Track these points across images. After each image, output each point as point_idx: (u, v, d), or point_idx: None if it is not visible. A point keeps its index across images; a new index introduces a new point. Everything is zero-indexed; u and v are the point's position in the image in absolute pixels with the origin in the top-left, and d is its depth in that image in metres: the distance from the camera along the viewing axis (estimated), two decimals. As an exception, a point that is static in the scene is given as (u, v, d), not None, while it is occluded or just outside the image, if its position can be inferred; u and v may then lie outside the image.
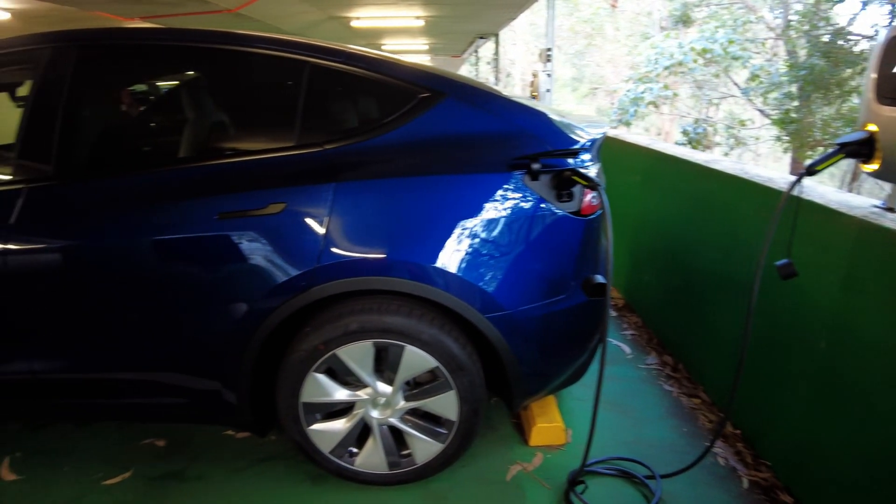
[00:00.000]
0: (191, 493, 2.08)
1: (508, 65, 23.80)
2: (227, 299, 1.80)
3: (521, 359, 1.84)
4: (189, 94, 2.24)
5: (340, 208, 1.71)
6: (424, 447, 1.93)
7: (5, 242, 1.87)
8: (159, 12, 7.74)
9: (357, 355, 1.79)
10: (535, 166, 1.71)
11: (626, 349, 3.05)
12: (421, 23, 9.17)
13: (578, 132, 1.86)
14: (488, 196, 1.73)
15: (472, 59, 16.97)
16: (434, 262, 1.71)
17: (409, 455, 1.96)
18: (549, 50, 6.15)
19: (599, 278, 1.79)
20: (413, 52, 14.83)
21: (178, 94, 2.26)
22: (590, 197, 1.83)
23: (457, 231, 1.72)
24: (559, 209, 1.77)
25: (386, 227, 1.72)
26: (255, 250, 1.74)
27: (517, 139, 1.78)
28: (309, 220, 1.72)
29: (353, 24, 9.14)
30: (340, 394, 1.87)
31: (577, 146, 1.80)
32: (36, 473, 2.25)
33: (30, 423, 2.60)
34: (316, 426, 1.91)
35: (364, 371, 1.83)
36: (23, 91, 3.05)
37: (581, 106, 24.30)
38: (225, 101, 2.15)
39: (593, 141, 1.89)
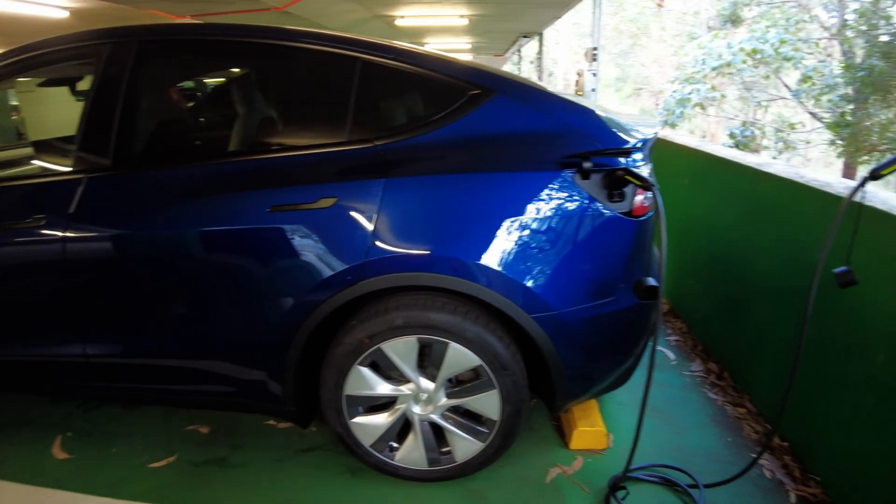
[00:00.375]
0: (232, 480, 2.12)
1: (551, 64, 23.62)
2: (275, 291, 1.83)
3: (567, 361, 1.81)
4: (243, 88, 2.29)
5: (390, 204, 1.72)
6: (465, 445, 1.93)
7: (65, 230, 1.94)
8: (209, 10, 7.93)
9: (401, 350, 1.80)
10: (587, 165, 1.69)
11: (671, 355, 2.99)
12: (465, 22, 9.16)
13: (630, 131, 1.82)
14: (538, 194, 1.71)
15: (515, 58, 16.89)
16: (481, 259, 1.70)
17: (448, 452, 1.96)
18: (594, 49, 6.08)
19: (651, 281, 1.75)
20: (456, 50, 14.84)
21: (232, 89, 2.30)
22: (642, 198, 1.80)
23: (505, 229, 1.70)
24: (610, 209, 1.74)
25: (434, 223, 1.72)
26: (306, 244, 1.76)
27: (568, 137, 1.75)
28: (358, 215, 1.73)
29: (398, 22, 9.19)
30: (383, 388, 1.88)
31: (629, 145, 1.77)
32: (85, 453, 2.33)
33: (81, 404, 2.69)
34: (358, 419, 1.92)
35: (407, 366, 1.83)
36: (82, 85, 3.17)
37: (624, 106, 23.93)
38: (278, 95, 2.19)
39: (645, 141, 1.85)
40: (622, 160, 1.75)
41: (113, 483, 2.15)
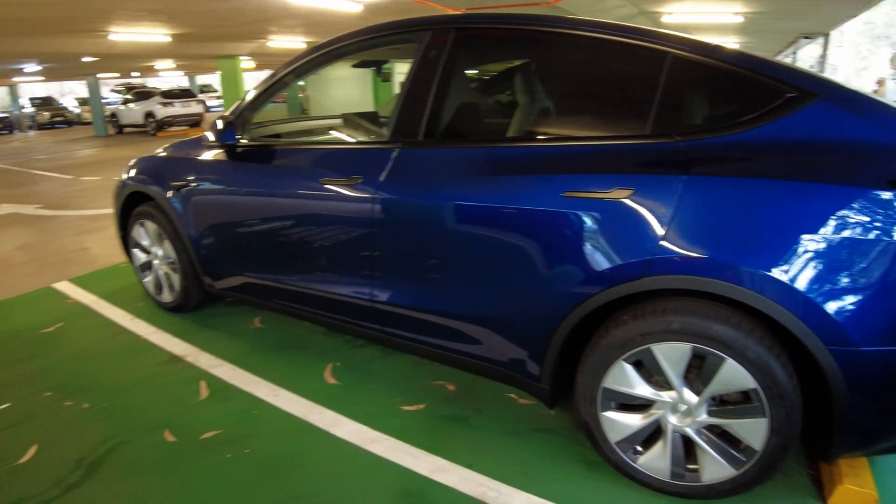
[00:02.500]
0: (472, 439, 2.28)
1: (828, 69, 20.68)
2: (555, 274, 1.89)
3: (856, 406, 1.60)
4: (550, 77, 2.40)
5: (688, 202, 1.67)
6: (715, 468, 1.82)
7: (376, 191, 2.25)
8: (484, 3, 8.41)
9: (671, 355, 1.75)
10: None
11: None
12: (739, 19, 8.41)
13: None
14: (857, 213, 1.52)
15: (788, 60, 15.11)
16: (784, 276, 1.56)
17: (695, 470, 1.87)
18: (906, 58, 5.14)
19: None
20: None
21: (539, 76, 2.43)
22: None
23: (814, 246, 1.55)
24: None
25: (735, 229, 1.62)
26: (594, 232, 1.79)
27: None
28: (653, 210, 1.71)
29: (664, 19, 8.81)
30: (643, 389, 1.84)
31: None
32: (349, 384, 2.70)
33: (349, 340, 3.12)
34: (609, 413, 1.92)
35: (674, 373, 1.77)
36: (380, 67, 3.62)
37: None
38: (582, 84, 2.27)
39: None
40: None
41: (370, 414, 2.46)
